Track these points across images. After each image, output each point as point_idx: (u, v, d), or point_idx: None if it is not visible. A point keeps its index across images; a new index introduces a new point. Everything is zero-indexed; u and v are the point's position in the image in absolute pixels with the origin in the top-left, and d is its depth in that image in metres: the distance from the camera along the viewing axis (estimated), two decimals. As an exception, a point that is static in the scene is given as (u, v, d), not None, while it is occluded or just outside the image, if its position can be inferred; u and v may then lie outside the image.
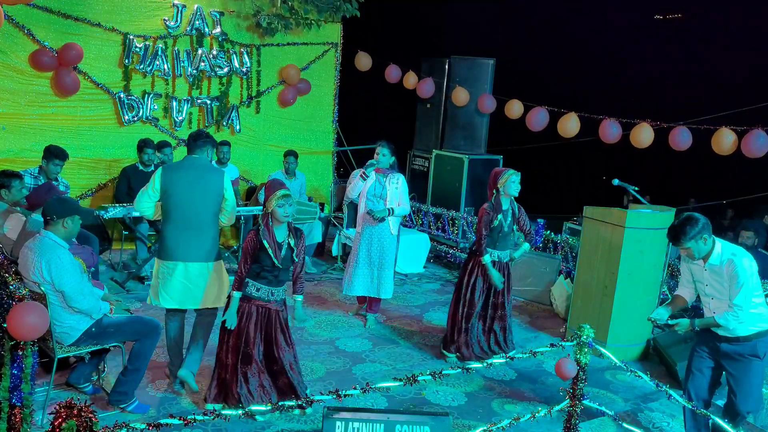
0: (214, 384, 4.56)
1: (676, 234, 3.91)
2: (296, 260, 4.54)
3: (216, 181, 4.68)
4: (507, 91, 9.29)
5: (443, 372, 3.65)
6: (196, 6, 8.20)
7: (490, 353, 5.68)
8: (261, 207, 5.83)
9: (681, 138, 7.37)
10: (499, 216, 5.58)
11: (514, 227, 5.75)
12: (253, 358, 4.48)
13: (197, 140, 4.73)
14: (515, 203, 5.74)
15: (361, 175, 6.10)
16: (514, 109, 8.87)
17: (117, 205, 6.69)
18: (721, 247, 3.96)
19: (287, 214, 4.40)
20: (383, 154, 6.11)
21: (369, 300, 6.36)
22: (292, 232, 4.54)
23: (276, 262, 4.39)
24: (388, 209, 6.09)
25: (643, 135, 7.51)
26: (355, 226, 8.68)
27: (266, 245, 4.37)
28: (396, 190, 6.14)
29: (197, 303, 4.71)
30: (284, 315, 4.62)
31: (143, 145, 7.36)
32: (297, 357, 4.69)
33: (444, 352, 5.77)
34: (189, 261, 4.61)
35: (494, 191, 5.63)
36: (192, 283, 4.64)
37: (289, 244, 4.49)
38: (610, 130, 7.94)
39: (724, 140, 7.06)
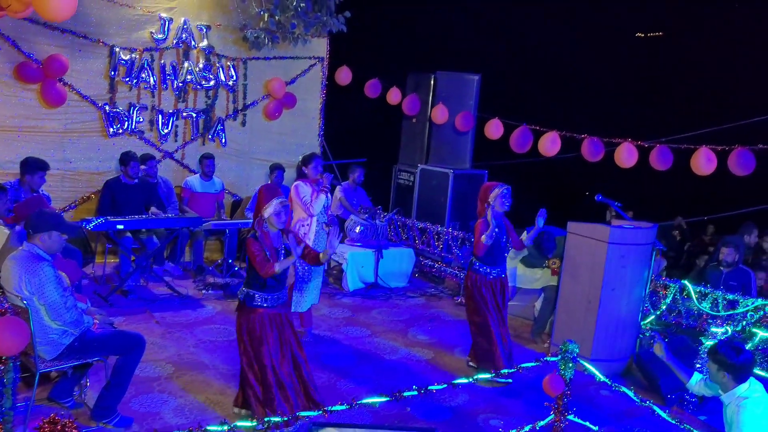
0: (254, 403, 4.53)
1: (715, 345, 3.82)
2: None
3: None
4: (493, 106, 9.36)
5: (429, 387, 3.66)
6: (183, 19, 8.20)
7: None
8: (248, 221, 5.84)
9: (662, 157, 7.46)
10: (495, 229, 5.60)
11: (509, 242, 5.80)
12: (284, 367, 4.53)
13: None
14: (505, 218, 5.80)
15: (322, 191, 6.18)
16: (493, 129, 8.96)
17: (101, 217, 6.64)
18: (742, 390, 3.70)
19: (283, 221, 4.48)
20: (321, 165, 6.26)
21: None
22: (286, 234, 4.60)
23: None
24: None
25: (627, 155, 7.58)
26: (340, 241, 8.72)
27: (266, 253, 4.39)
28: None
29: None
30: (291, 317, 4.70)
31: (129, 158, 7.32)
32: None
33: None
34: None
35: (486, 205, 5.67)
36: None
37: (284, 247, 4.54)
38: (592, 149, 8.03)
39: (703, 161, 7.14)
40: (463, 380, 3.95)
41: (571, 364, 4.10)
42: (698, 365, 5.31)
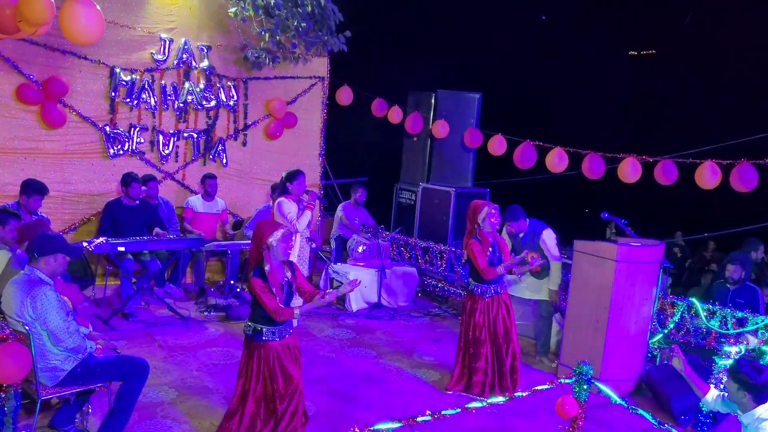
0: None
1: (736, 364, 3.76)
2: (295, 294, 4.49)
3: None
4: (493, 125, 9.35)
5: (442, 412, 3.58)
6: (183, 39, 8.19)
7: (500, 391, 5.60)
8: (248, 242, 5.79)
9: (667, 172, 7.44)
10: (489, 249, 5.58)
11: (501, 257, 5.77)
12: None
13: None
14: (496, 233, 5.77)
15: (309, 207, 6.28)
16: (496, 145, 8.94)
17: (102, 238, 6.55)
18: (761, 410, 3.62)
19: (291, 247, 4.41)
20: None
21: None
22: (287, 266, 4.50)
23: (281, 304, 4.33)
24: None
25: (631, 170, 7.56)
26: (342, 260, 8.67)
27: (272, 291, 4.29)
28: None
29: None
30: (297, 343, 4.57)
31: (130, 179, 7.26)
32: None
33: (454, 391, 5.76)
34: None
35: (476, 226, 5.63)
36: None
37: (288, 280, 4.45)
38: (593, 167, 8.00)
39: (708, 175, 7.13)
40: (477, 404, 3.87)
41: (585, 386, 4.03)
42: (712, 384, 5.24)
